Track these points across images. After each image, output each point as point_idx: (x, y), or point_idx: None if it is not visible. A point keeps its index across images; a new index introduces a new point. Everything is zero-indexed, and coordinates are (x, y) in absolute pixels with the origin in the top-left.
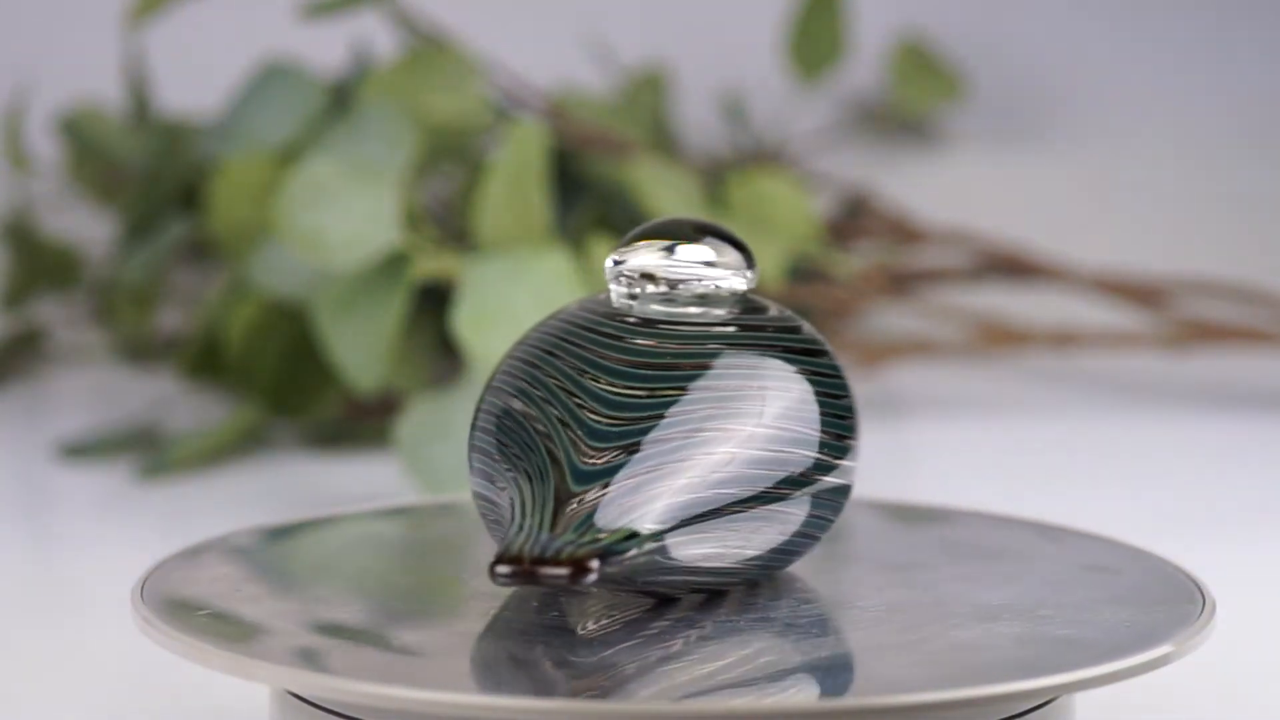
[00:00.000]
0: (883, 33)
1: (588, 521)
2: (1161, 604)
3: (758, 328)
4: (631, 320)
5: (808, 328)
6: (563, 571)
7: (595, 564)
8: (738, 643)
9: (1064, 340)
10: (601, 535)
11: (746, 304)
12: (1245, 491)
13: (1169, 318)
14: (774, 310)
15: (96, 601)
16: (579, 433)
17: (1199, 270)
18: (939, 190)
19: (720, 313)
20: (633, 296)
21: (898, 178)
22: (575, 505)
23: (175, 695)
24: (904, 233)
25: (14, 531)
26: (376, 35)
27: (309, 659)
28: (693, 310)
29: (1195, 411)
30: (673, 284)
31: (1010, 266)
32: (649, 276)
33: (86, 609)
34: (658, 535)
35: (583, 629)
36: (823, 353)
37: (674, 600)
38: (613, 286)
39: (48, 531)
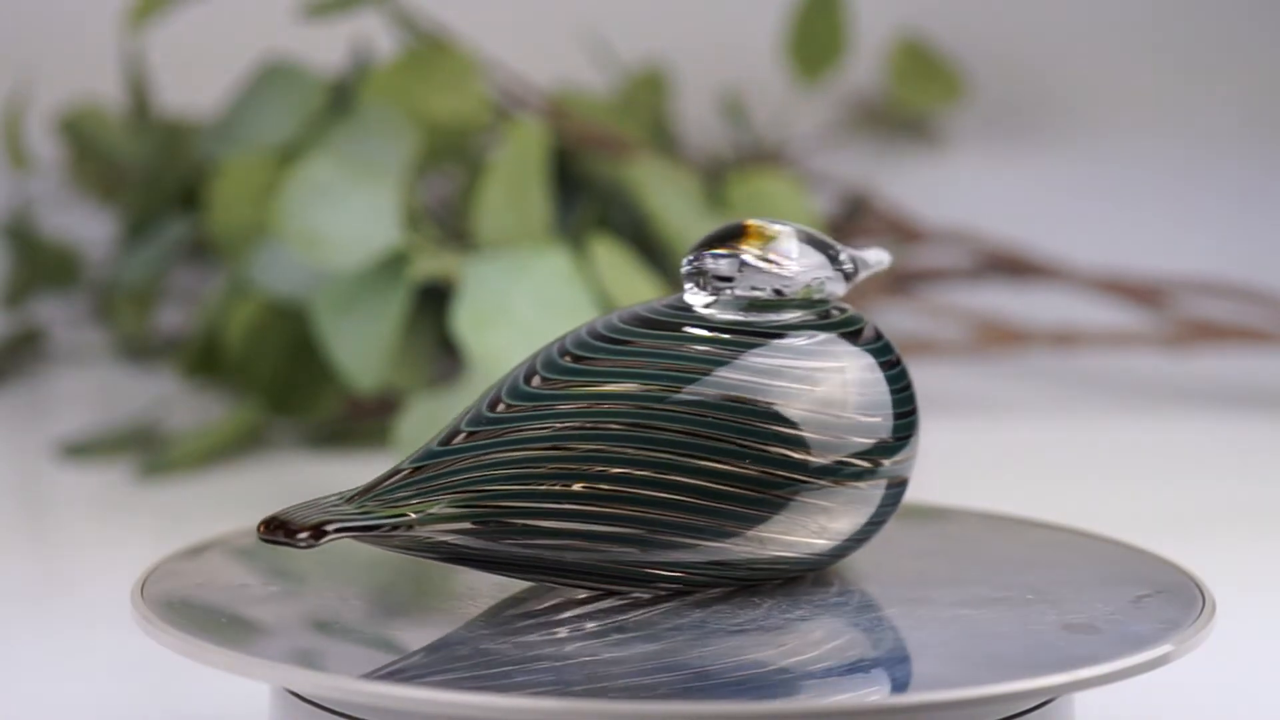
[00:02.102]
0: (883, 33)
1: (381, 495)
2: (1161, 604)
3: (814, 328)
4: (666, 321)
5: (869, 330)
6: (301, 536)
7: (331, 530)
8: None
9: (1064, 340)
10: (372, 510)
11: (811, 307)
12: (1245, 491)
13: (1169, 318)
14: (837, 314)
15: (96, 601)
16: (465, 418)
17: (1199, 270)
18: (939, 190)
19: (790, 316)
20: (703, 296)
21: (898, 178)
22: (393, 480)
23: (175, 695)
24: (904, 233)
25: (14, 531)
26: (376, 35)
27: (309, 659)
28: (738, 317)
29: (1195, 411)
30: (742, 285)
31: (1010, 266)
32: (723, 278)
33: (86, 609)
34: (449, 518)
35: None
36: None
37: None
38: (685, 284)
39: (48, 531)
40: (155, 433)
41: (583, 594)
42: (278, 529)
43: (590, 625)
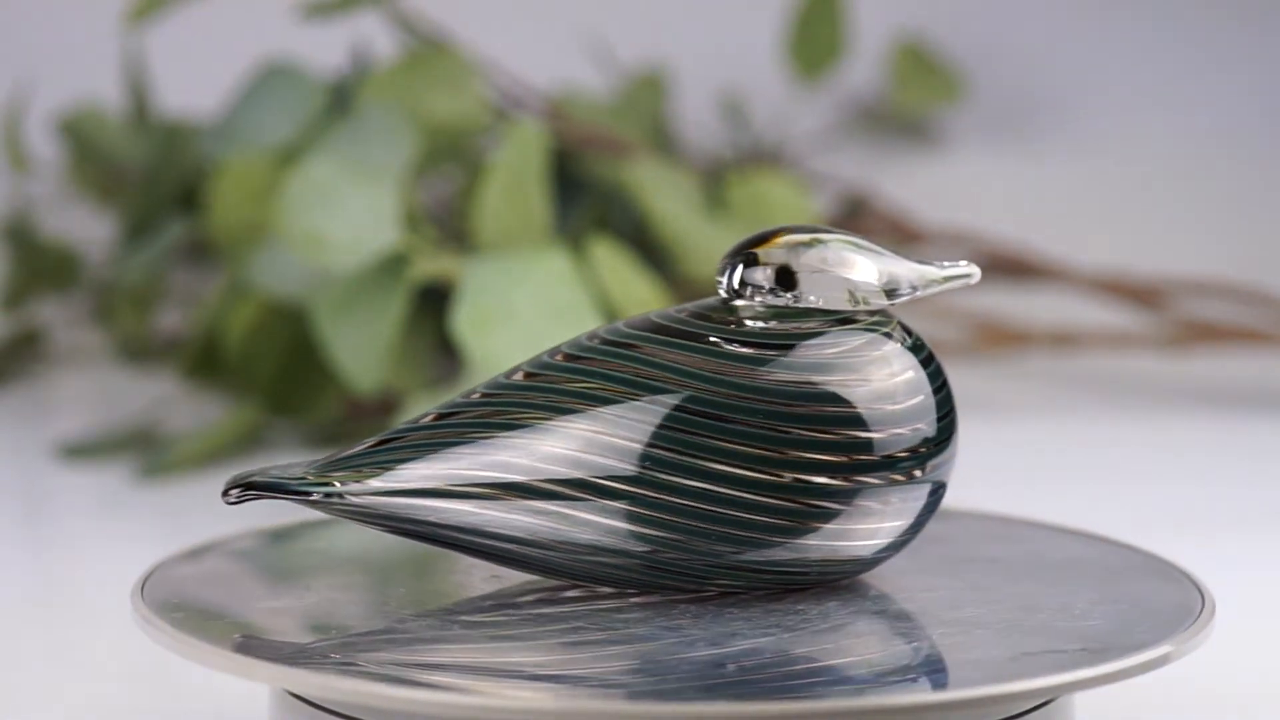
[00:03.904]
0: (883, 33)
1: (333, 463)
2: (1161, 604)
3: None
4: (687, 330)
5: (899, 331)
6: (231, 491)
7: (254, 490)
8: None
9: (1064, 340)
10: (307, 476)
11: (834, 314)
12: (1245, 491)
13: (1169, 318)
14: (864, 317)
15: (96, 601)
16: (440, 404)
17: (1199, 270)
18: (939, 190)
19: (816, 322)
20: (733, 302)
21: (898, 178)
22: (352, 451)
23: (175, 695)
24: (904, 233)
25: (14, 531)
26: (376, 35)
27: (309, 659)
28: (766, 324)
29: (1195, 411)
30: (773, 293)
31: (1010, 266)
32: (756, 286)
33: (86, 609)
34: (377, 491)
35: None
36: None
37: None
38: (719, 290)
39: (48, 531)
40: (155, 433)
41: (594, 591)
42: (228, 482)
43: (590, 623)
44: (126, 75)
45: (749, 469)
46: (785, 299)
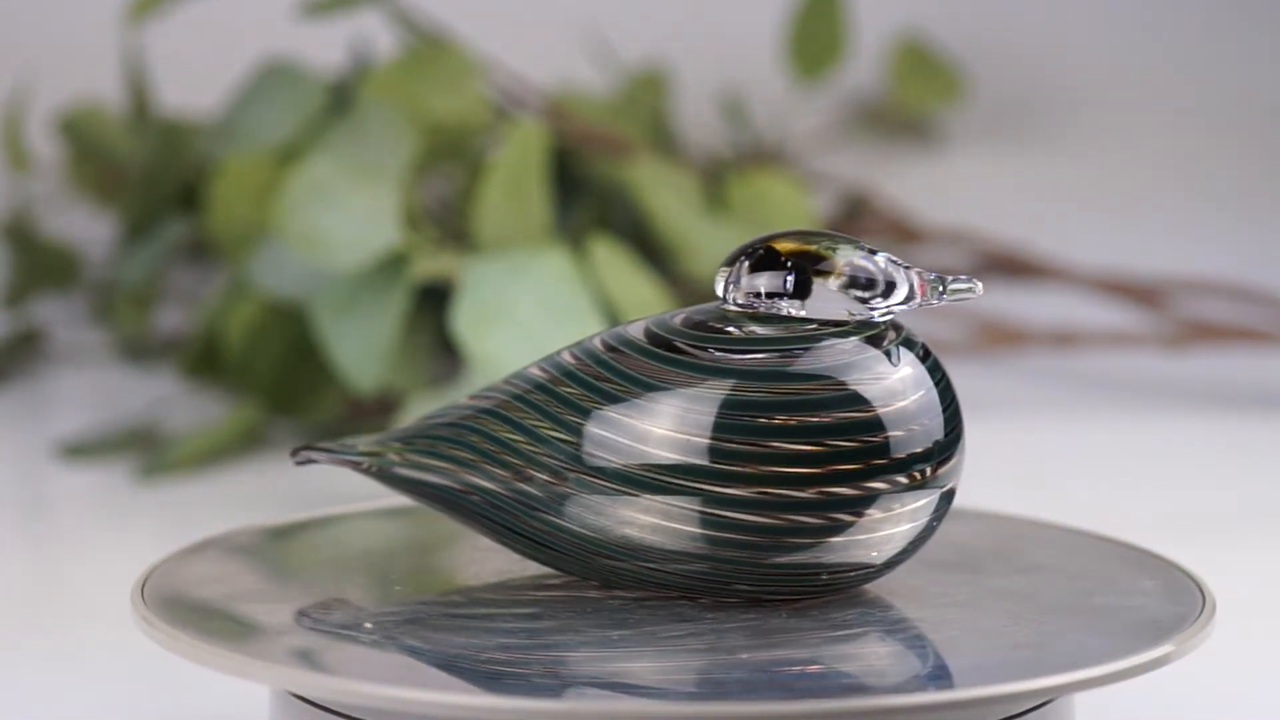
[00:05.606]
0: (883, 33)
1: (386, 438)
2: (1161, 604)
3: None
4: (684, 345)
5: (891, 331)
6: (299, 454)
7: (314, 456)
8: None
9: (1064, 340)
10: (353, 445)
11: (830, 320)
12: (1245, 491)
13: (1169, 318)
14: (851, 323)
15: (96, 601)
16: (476, 389)
17: (1199, 270)
18: (939, 190)
19: (810, 328)
20: (734, 304)
21: (898, 178)
22: (402, 429)
23: (175, 695)
24: (904, 233)
25: (14, 531)
26: (376, 35)
27: (309, 659)
28: (765, 330)
29: (1195, 411)
30: (767, 302)
31: (1010, 266)
32: (759, 291)
33: (86, 609)
34: (411, 464)
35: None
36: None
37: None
38: (720, 285)
39: (48, 531)
40: (155, 433)
41: (601, 592)
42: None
43: (593, 623)
44: (126, 74)
45: (773, 486)
46: (791, 306)
